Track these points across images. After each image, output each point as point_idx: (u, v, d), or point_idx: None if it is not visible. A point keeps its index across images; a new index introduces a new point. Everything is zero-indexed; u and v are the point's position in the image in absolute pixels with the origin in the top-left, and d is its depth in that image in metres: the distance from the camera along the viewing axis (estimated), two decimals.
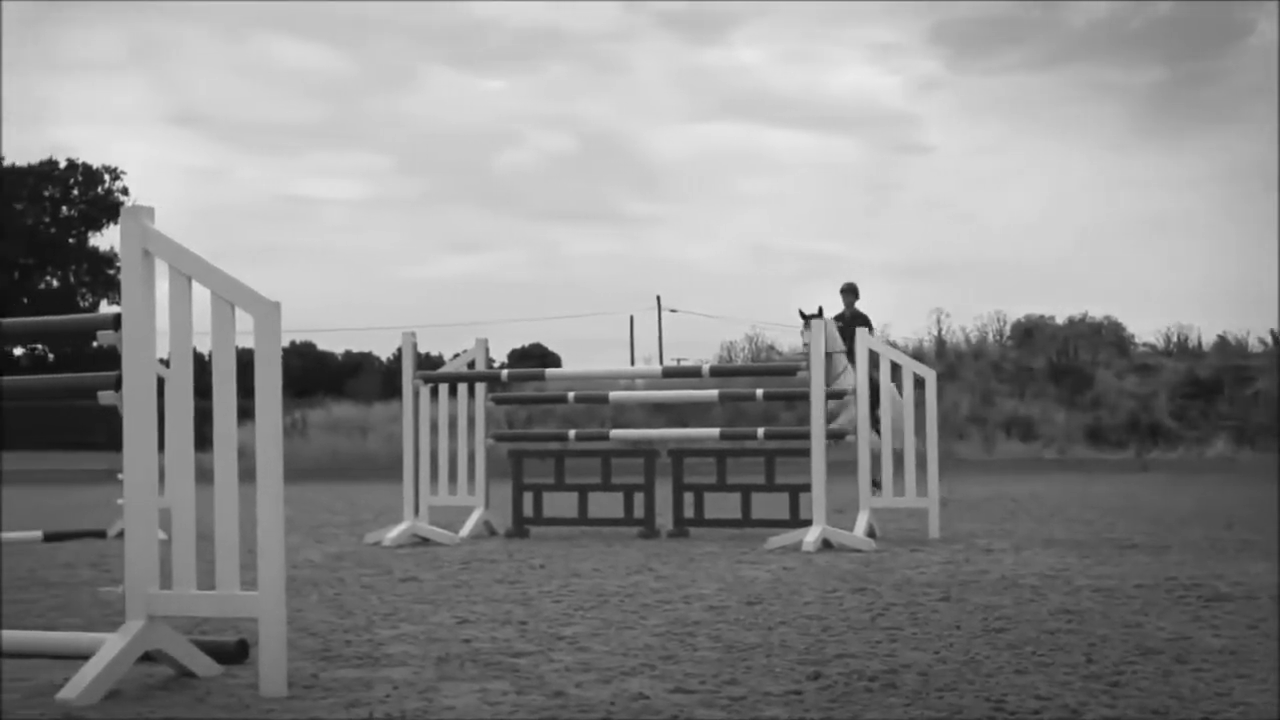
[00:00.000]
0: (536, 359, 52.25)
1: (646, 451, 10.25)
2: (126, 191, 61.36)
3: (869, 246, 78.16)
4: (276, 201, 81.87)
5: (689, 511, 9.68)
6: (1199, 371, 31.94)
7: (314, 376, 53.84)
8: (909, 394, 9.70)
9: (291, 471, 4.81)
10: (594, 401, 11.49)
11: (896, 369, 9.85)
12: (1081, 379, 32.17)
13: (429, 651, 4.41)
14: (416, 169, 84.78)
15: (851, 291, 13.49)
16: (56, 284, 61.69)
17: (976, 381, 32.02)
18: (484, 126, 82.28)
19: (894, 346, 13.05)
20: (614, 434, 11.40)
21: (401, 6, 77.04)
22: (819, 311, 12.30)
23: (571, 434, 11.15)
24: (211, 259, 3.85)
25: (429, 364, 10.82)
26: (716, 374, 11.14)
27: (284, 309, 3.74)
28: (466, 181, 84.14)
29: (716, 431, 11.23)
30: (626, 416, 28.98)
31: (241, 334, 3.85)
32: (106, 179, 61.57)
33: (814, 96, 78.51)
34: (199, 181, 79.36)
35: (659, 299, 52.16)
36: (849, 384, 10.94)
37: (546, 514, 10.01)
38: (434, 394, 10.33)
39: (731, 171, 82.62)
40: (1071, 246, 71.98)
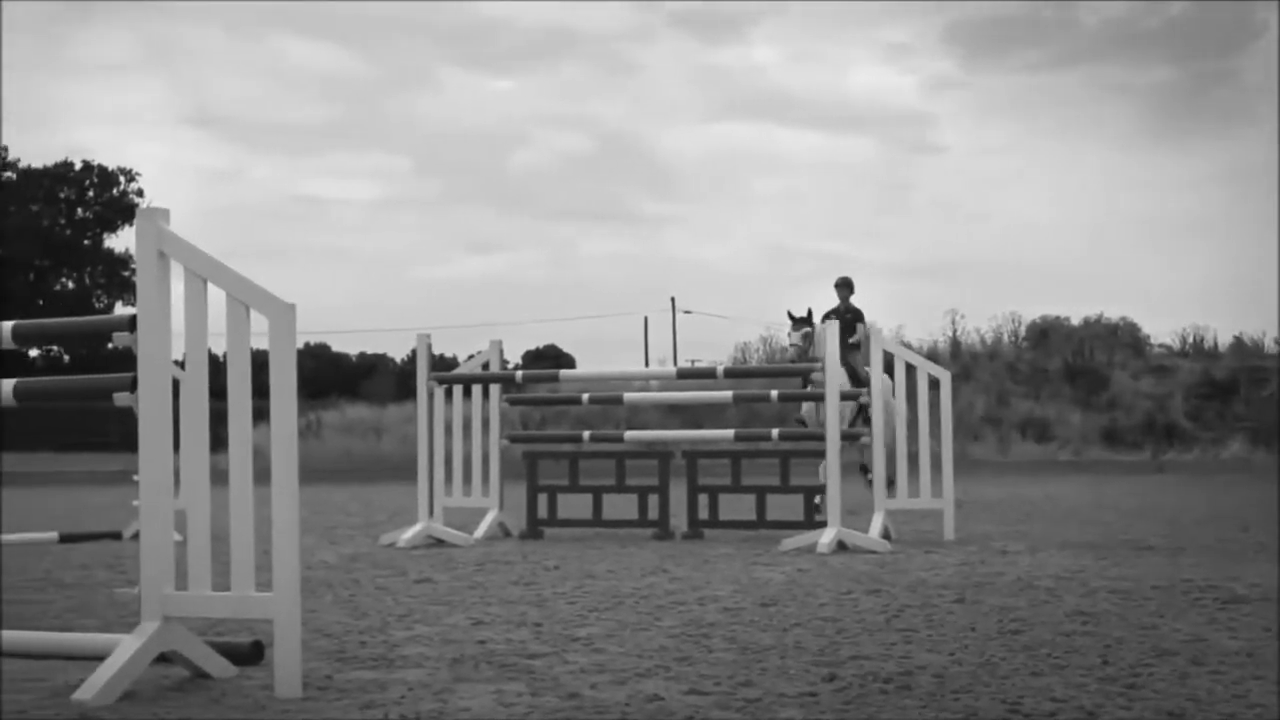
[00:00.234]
0: (551, 360, 52.26)
1: (661, 453, 10.25)
2: (142, 193, 61.47)
3: (883, 246, 78.03)
4: (290, 202, 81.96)
5: (703, 513, 9.68)
6: (1215, 373, 31.86)
7: (328, 378, 53.88)
8: (923, 395, 9.68)
9: (306, 473, 4.82)
10: (608, 403, 11.50)
11: (912, 370, 9.83)
12: (1097, 380, 32.10)
13: (444, 653, 4.41)
14: (430, 170, 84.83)
15: (846, 286, 13.34)
16: (72, 285, 61.84)
17: (991, 383, 31.99)
18: (497, 127, 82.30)
19: (909, 347, 13.03)
20: (629, 435, 11.41)
21: (415, 7, 77.08)
22: (808, 314, 12.21)
23: (586, 435, 11.15)
24: (225, 259, 3.86)
25: (443, 365, 10.85)
26: (731, 375, 11.14)
27: (298, 310, 3.75)
28: (480, 182, 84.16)
29: (731, 433, 11.24)
30: (641, 418, 29.01)
31: (256, 335, 3.85)
32: (122, 180, 61.68)
33: (828, 96, 78.40)
34: (213, 182, 79.50)
35: (673, 300, 52.12)
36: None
37: (561, 515, 10.01)
38: (448, 395, 10.35)
39: (745, 171, 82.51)
40: (1086, 246, 71.73)
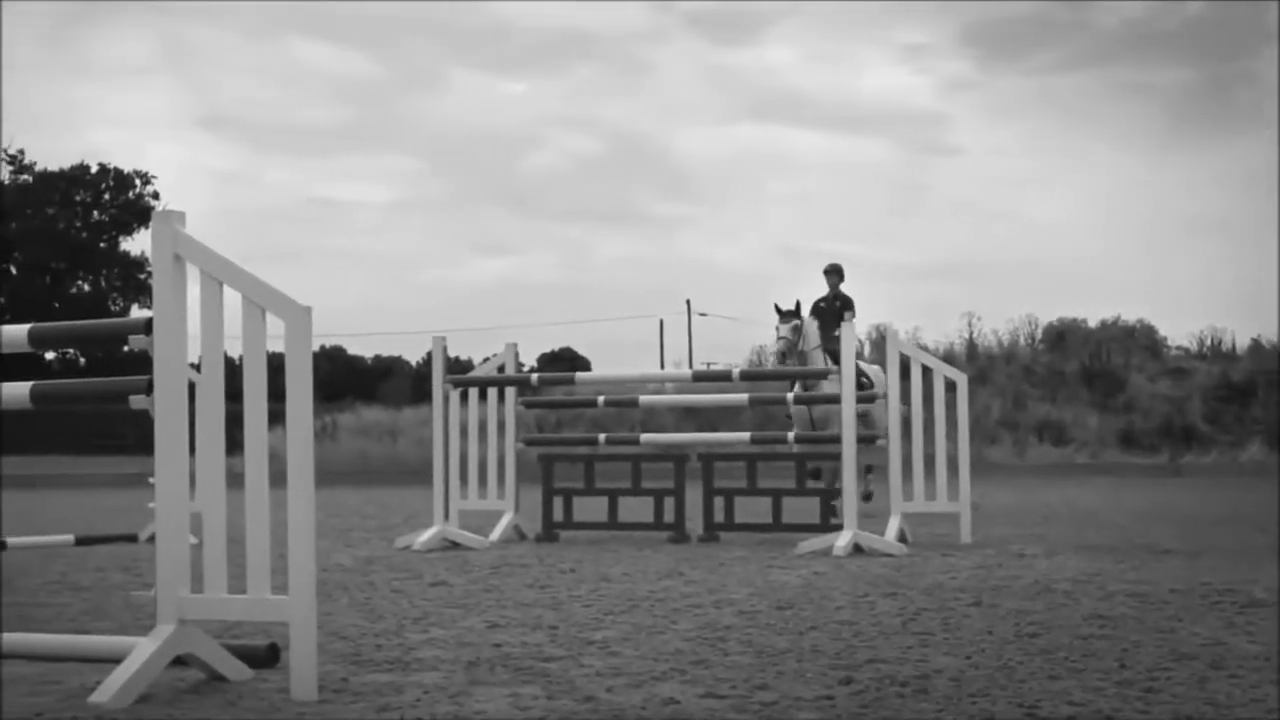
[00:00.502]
0: (566, 363, 52.32)
1: (676, 456, 10.25)
2: (157, 196, 61.63)
3: (898, 248, 77.90)
4: (305, 204, 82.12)
5: (719, 516, 9.67)
6: (1233, 375, 31.73)
7: (344, 380, 53.96)
8: (940, 397, 9.65)
9: (322, 475, 4.82)
10: (624, 405, 11.49)
11: (928, 372, 9.80)
12: (1114, 382, 31.99)
13: (459, 656, 4.41)
14: (444, 171, 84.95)
15: (836, 272, 13.21)
16: (88, 288, 62.01)
17: (1008, 385, 31.89)
18: (511, 129, 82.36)
19: (925, 350, 12.99)
20: (644, 438, 11.41)
21: (428, 8, 77.24)
22: (796, 306, 12.13)
23: (601, 438, 11.15)
24: (240, 262, 3.86)
25: (458, 368, 10.84)
26: (746, 378, 11.12)
27: (313, 313, 3.75)
28: (494, 184, 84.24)
29: (747, 435, 11.22)
30: (656, 420, 28.99)
31: (272, 338, 3.85)
32: (138, 183, 61.84)
33: (842, 97, 78.28)
34: (227, 184, 79.68)
35: (689, 303, 52.16)
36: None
37: (576, 518, 10.01)
38: (464, 398, 10.36)
39: (759, 172, 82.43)
40: (1103, 248, 71.53)
